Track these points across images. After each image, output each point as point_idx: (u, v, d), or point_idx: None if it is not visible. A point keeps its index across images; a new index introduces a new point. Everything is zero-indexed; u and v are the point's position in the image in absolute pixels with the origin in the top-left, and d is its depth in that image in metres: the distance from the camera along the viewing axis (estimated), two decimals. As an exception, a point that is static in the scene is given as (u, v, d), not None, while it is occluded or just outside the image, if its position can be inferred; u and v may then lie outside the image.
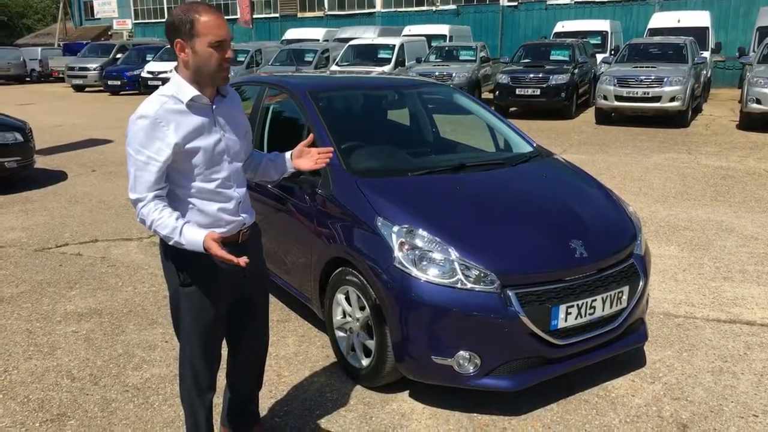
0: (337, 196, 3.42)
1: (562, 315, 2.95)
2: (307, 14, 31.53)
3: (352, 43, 18.67)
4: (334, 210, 3.42)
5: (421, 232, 3.03)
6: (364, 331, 3.25)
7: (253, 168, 2.60)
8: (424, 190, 3.43)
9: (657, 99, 12.61)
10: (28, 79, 30.39)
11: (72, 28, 42.56)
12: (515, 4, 26.72)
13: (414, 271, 2.93)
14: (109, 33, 39.81)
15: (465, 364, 2.91)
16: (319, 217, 3.49)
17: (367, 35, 21.28)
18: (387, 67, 16.97)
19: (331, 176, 3.48)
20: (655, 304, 4.29)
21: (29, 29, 50.07)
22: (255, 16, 29.44)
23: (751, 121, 12.10)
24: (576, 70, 14.67)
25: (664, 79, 12.56)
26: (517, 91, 14.46)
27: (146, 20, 38.06)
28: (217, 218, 2.28)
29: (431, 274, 2.92)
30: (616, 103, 13.01)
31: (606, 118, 13.46)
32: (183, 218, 2.18)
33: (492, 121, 4.46)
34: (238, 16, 27.72)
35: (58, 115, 16.17)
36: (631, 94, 12.81)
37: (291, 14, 31.80)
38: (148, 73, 21.39)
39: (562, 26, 19.92)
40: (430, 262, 2.95)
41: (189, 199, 2.24)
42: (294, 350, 3.73)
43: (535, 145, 4.24)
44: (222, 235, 2.17)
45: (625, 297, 3.19)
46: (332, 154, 2.60)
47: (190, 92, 2.17)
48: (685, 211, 6.67)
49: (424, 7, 28.54)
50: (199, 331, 2.35)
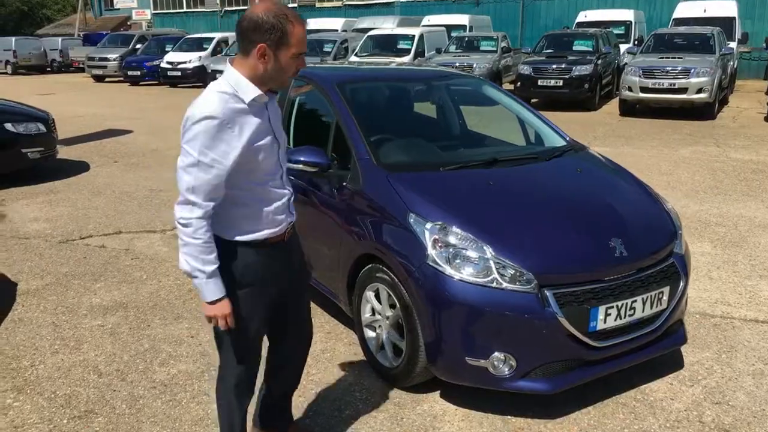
0: (367, 191, 3.34)
1: (601, 316, 2.86)
2: (326, 4, 31.38)
3: (372, 33, 18.52)
4: (364, 205, 3.34)
5: (455, 229, 2.94)
6: (395, 330, 3.18)
7: None
8: (457, 186, 3.33)
9: (683, 90, 12.35)
10: (48, 69, 30.64)
11: (92, 18, 42.77)
12: (536, -7, 26.37)
13: (447, 270, 2.85)
14: (129, 23, 39.95)
15: (500, 366, 2.82)
16: (348, 213, 3.41)
17: (386, 25, 21.10)
18: (406, 58, 16.81)
19: (360, 170, 3.40)
20: (691, 304, 4.16)
21: (49, 20, 50.41)
22: (274, 6, 29.34)
23: (781, 114, 11.83)
24: (599, 61, 14.42)
25: (691, 71, 12.30)
26: (539, 82, 14.26)
27: (165, 10, 38.11)
28: (271, 218, 2.23)
29: (465, 273, 2.83)
30: (642, 95, 12.77)
31: (630, 109, 13.21)
32: (218, 262, 2.11)
33: (523, 114, 4.35)
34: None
35: (79, 105, 16.24)
36: (657, 86, 12.56)
37: (309, 4, 31.64)
38: (168, 63, 21.43)
39: (585, 16, 19.60)
40: (465, 260, 2.87)
41: (245, 201, 2.17)
42: (321, 347, 3.67)
43: (568, 139, 4.13)
44: (273, 234, 2.22)
45: (666, 298, 3.08)
46: None
47: (253, 92, 2.07)
48: (716, 207, 6.51)
49: (444, -3, 28.26)
50: (245, 334, 2.29)
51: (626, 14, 19.48)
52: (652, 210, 3.46)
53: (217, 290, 2.11)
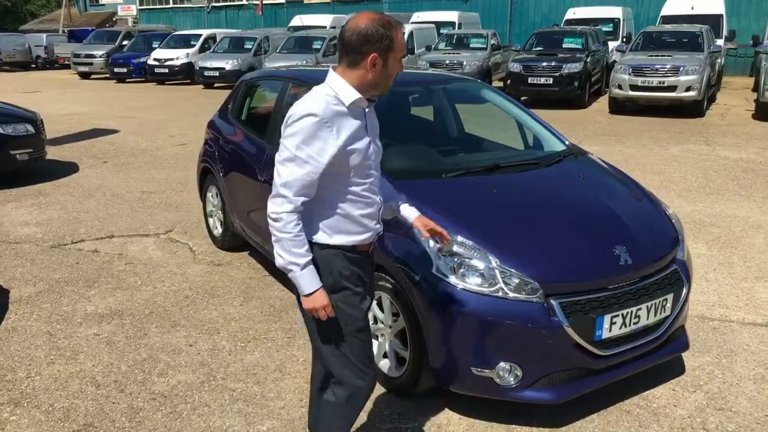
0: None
1: (607, 325, 2.85)
2: (314, 0, 31.21)
3: (361, 30, 18.40)
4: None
5: (459, 238, 2.92)
6: (398, 339, 3.15)
7: None
8: (460, 193, 3.31)
9: (673, 88, 12.42)
10: (33, 66, 30.23)
11: (76, 14, 42.23)
12: (525, -11, 26.40)
13: (452, 279, 2.83)
14: (114, 19, 39.50)
15: (506, 376, 2.81)
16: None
17: (376, 22, 20.98)
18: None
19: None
20: (690, 307, 4.17)
21: (33, 15, 49.78)
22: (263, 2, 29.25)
23: (769, 111, 11.92)
24: (589, 59, 14.46)
25: (680, 69, 12.37)
26: (529, 80, 14.27)
27: (151, 6, 37.73)
28: (362, 224, 2.26)
29: (471, 283, 2.81)
30: (631, 93, 12.83)
31: (620, 107, 13.28)
32: (310, 255, 2.16)
33: (522, 117, 4.33)
34: (257, 2, 27.69)
35: (66, 103, 16.03)
36: (647, 84, 12.63)
37: (298, 0, 31.48)
38: (155, 60, 21.24)
39: (573, 13, 19.66)
40: (470, 269, 2.85)
41: (338, 203, 2.21)
42: (322, 355, 3.63)
43: (567, 143, 4.12)
44: (361, 243, 2.26)
45: (669, 305, 3.08)
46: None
47: (353, 95, 2.14)
48: (709, 206, 6.54)
49: (432, -7, 28.23)
50: (355, 338, 2.27)
51: (614, 11, 19.55)
52: (655, 216, 3.46)
53: (313, 281, 2.15)
